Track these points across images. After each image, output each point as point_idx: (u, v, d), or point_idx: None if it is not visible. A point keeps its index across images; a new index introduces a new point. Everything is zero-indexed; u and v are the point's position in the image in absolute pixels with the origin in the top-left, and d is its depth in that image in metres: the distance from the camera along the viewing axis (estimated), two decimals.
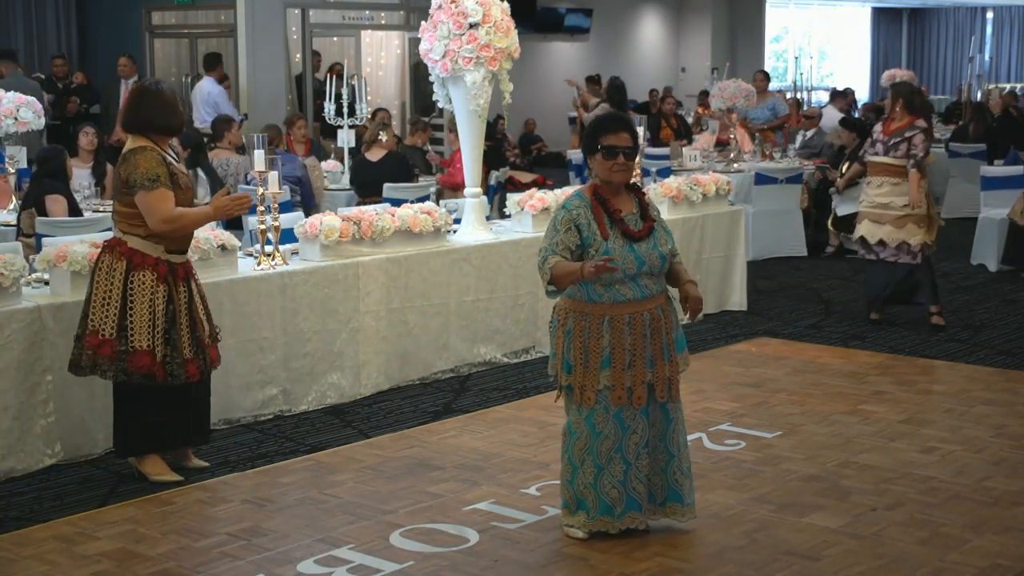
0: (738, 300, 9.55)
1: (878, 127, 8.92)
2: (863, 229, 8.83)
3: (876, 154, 8.77)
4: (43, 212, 8.26)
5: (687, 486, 5.03)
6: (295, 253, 7.14)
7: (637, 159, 6.58)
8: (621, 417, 4.87)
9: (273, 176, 6.90)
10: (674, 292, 5.04)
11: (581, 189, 5.03)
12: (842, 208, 11.25)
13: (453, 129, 11.13)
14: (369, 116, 11.57)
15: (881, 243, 8.71)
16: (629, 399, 4.85)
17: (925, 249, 8.67)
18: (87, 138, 10.05)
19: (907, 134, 8.63)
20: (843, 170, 12.01)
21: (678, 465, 5.00)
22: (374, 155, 10.68)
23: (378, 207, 7.75)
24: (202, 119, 13.18)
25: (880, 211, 8.70)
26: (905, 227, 8.62)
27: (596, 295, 4.84)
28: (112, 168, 10.15)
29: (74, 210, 8.52)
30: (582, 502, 4.95)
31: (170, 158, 5.70)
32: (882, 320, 8.97)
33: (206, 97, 13.61)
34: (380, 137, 10.63)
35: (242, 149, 10.30)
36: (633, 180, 5.06)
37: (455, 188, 10.87)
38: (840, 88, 18.20)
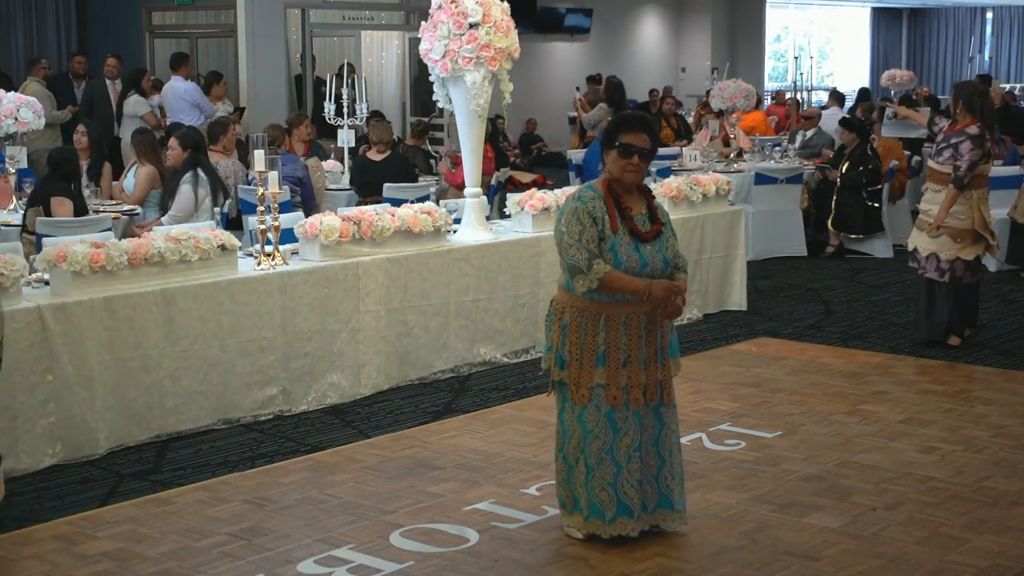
0: (738, 300, 9.55)
1: (946, 127, 8.19)
2: (911, 234, 8.32)
3: (931, 156, 8.19)
4: (48, 212, 8.25)
5: (677, 491, 5.01)
6: (295, 253, 7.14)
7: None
8: (613, 418, 4.85)
9: (273, 176, 6.90)
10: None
11: (593, 182, 5.00)
12: None
13: None
14: (367, 116, 11.56)
15: (917, 251, 8.16)
16: (626, 400, 4.84)
17: (957, 268, 8.01)
18: (83, 138, 10.01)
19: (954, 140, 7.93)
20: (843, 170, 12.04)
21: (669, 470, 4.98)
22: (377, 155, 10.69)
23: (378, 207, 7.75)
24: (179, 117, 13.09)
25: (923, 218, 8.13)
26: (939, 238, 7.97)
27: (595, 293, 4.83)
28: (108, 166, 10.16)
29: (81, 213, 8.49)
30: (577, 501, 4.95)
31: None
32: (961, 343, 8.24)
33: (180, 95, 13.51)
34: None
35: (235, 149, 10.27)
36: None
37: (460, 187, 10.86)
38: (839, 89, 18.24)
